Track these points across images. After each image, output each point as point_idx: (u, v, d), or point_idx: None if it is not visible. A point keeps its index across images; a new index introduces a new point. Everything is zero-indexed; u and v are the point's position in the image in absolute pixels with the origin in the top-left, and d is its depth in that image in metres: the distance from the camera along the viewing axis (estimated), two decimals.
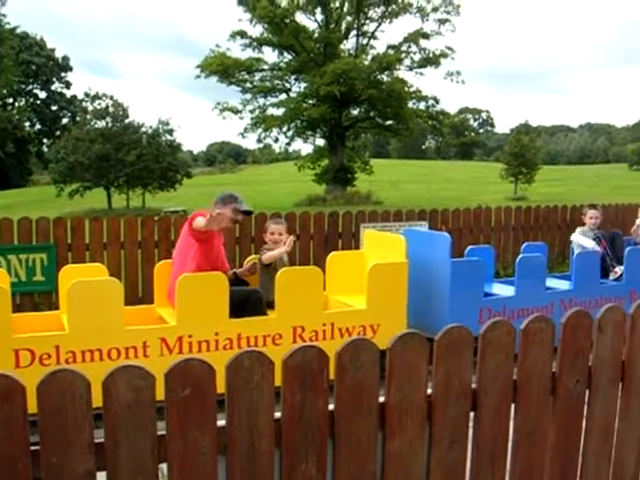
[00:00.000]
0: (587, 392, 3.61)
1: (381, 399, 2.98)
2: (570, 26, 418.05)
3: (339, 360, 2.83)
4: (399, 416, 3.00)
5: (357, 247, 10.30)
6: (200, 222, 6.50)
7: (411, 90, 43.65)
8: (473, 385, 3.21)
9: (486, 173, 69.27)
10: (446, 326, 3.09)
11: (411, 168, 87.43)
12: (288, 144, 45.70)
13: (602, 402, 3.68)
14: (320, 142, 45.07)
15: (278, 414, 2.79)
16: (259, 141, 45.59)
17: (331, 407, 2.88)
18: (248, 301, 6.65)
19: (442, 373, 3.08)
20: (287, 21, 39.75)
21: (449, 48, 44.08)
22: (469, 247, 9.04)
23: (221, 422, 2.71)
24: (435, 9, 43.81)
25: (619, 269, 9.31)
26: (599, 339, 3.59)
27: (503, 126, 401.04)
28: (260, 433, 2.74)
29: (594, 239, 9.56)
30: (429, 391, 3.09)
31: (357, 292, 7.46)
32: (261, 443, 2.74)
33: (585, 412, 3.63)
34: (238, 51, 40.40)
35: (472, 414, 3.24)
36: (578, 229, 9.93)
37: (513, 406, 3.35)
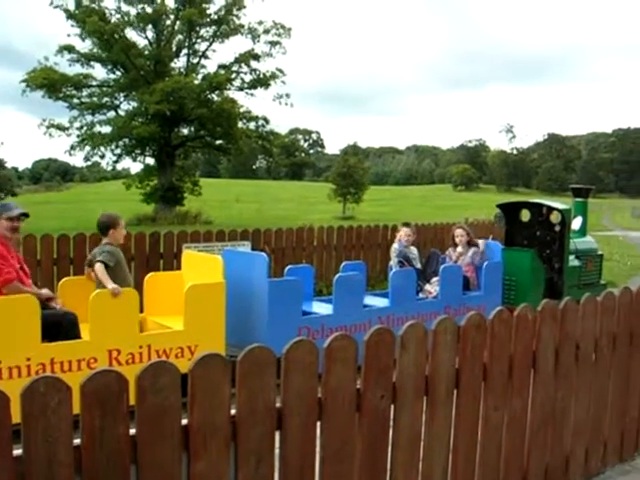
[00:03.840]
0: (392, 407, 3.70)
1: (184, 421, 2.94)
2: (398, 50, 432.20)
3: (139, 383, 2.79)
4: (203, 438, 2.97)
5: (180, 268, 10.18)
6: None
7: (241, 110, 43.76)
8: (278, 404, 3.22)
9: (316, 193, 70.40)
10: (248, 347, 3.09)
11: (242, 188, 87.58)
12: (116, 162, 44.60)
13: (408, 416, 3.78)
14: (149, 161, 44.41)
15: (78, 441, 2.70)
16: (86, 159, 44.36)
17: (133, 431, 2.82)
18: (61, 324, 6.42)
19: (245, 393, 3.08)
20: (117, 37, 38.94)
21: (279, 70, 44.56)
22: (288, 267, 9.13)
23: (17, 452, 2.59)
24: (266, 31, 44.17)
25: (431, 288, 9.64)
26: (402, 355, 3.69)
27: (333, 147, 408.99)
28: (59, 461, 2.64)
29: (397, 256, 9.84)
30: (233, 411, 3.08)
31: (176, 313, 7.34)
32: (60, 472, 2.65)
33: (392, 426, 3.73)
34: (66, 66, 39.35)
35: (278, 432, 3.25)
36: (393, 245, 10.19)
37: (319, 423, 3.39)
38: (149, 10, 40.84)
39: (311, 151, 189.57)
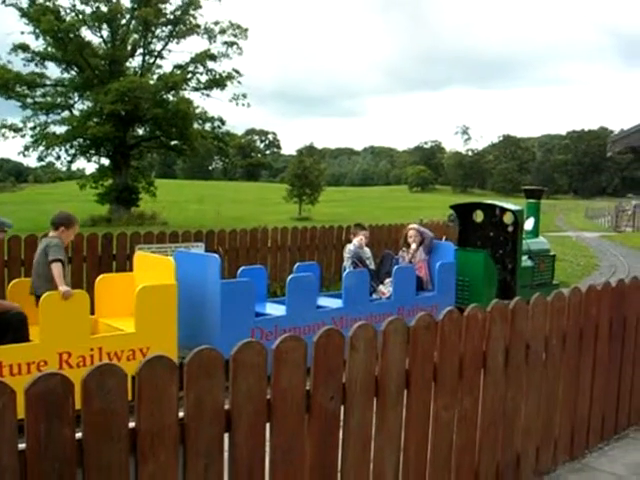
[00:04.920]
0: (342, 407, 3.71)
1: (132, 424, 2.91)
2: (357, 52, 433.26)
3: (85, 386, 2.75)
4: (151, 441, 2.95)
5: (132, 269, 10.11)
6: None
7: (197, 111, 43.55)
8: (227, 406, 3.20)
9: (272, 194, 70.25)
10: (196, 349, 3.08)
11: (198, 188, 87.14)
12: (71, 162, 44.11)
13: (358, 416, 3.79)
14: (104, 161, 43.96)
15: (23, 445, 2.66)
16: (40, 159, 43.80)
17: (79, 435, 2.78)
18: (10, 325, 6.34)
19: (194, 395, 3.06)
20: (72, 36, 38.48)
21: (236, 71, 44.41)
22: (241, 268, 9.11)
23: None
24: (223, 31, 43.99)
25: (384, 289, 9.67)
26: (352, 356, 3.69)
27: (290, 148, 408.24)
28: (4, 467, 2.60)
29: (351, 257, 9.86)
30: (182, 414, 3.06)
31: (127, 315, 7.29)
32: (5, 477, 2.60)
33: (342, 426, 3.73)
34: (20, 65, 38.73)
35: (227, 434, 3.24)
36: (347, 246, 10.21)
37: (269, 425, 3.38)
38: (104, 9, 40.32)
39: (267, 152, 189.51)
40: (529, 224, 12.45)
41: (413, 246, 10.48)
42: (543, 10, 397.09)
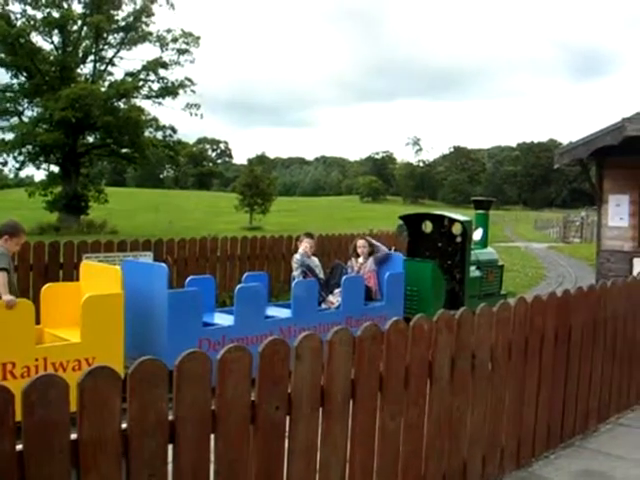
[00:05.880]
0: (288, 418, 3.70)
1: (74, 436, 2.88)
2: (309, 62, 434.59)
3: (26, 398, 2.71)
4: (93, 452, 2.91)
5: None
6: None
7: (148, 118, 43.31)
8: (171, 417, 3.18)
9: (223, 203, 69.98)
10: (139, 359, 3.05)
11: (148, 197, 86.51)
12: (19, 169, 43.55)
13: (303, 427, 3.78)
14: (54, 168, 43.44)
15: None
16: None
17: (20, 447, 2.74)
18: None
19: (137, 406, 3.03)
20: (22, 41, 38.02)
21: (188, 79, 44.28)
22: (189, 277, 9.06)
23: None
24: (175, 39, 43.88)
25: (333, 299, 9.68)
26: (297, 366, 3.69)
27: (241, 157, 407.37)
28: None
29: (300, 266, 9.84)
30: (125, 425, 3.03)
31: (73, 325, 7.18)
32: None
33: (288, 437, 3.72)
34: None
35: (171, 446, 3.21)
36: (294, 256, 10.19)
37: (214, 435, 3.36)
38: (56, 15, 39.98)
39: (219, 161, 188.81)
40: (478, 235, 12.55)
41: (360, 259, 10.52)
42: (495, 23, 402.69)
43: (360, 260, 10.50)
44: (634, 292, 7.44)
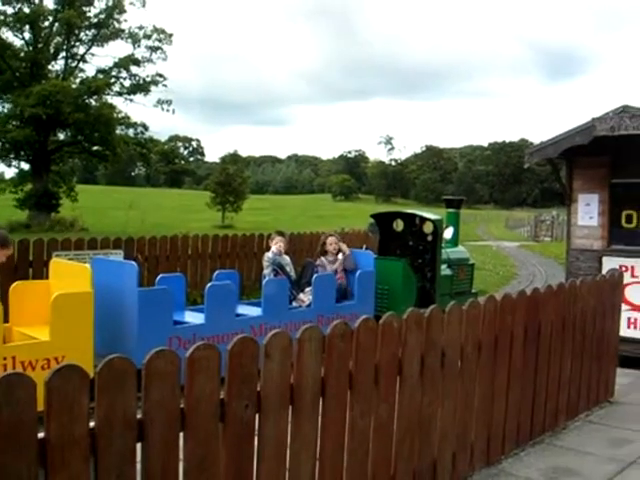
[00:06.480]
0: (258, 416, 3.69)
1: (42, 434, 2.85)
2: (284, 60, 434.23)
3: None
4: (61, 452, 2.88)
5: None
6: None
7: (120, 116, 43.09)
8: (139, 415, 3.16)
9: (196, 201, 69.75)
10: (107, 357, 3.03)
11: (120, 195, 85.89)
12: None
13: (273, 425, 3.77)
14: (24, 165, 43.10)
15: None
16: None
17: None
18: None
19: (105, 405, 3.01)
20: None
21: (160, 75, 44.10)
22: (160, 276, 9.03)
23: None
24: (147, 36, 43.71)
25: (304, 297, 9.69)
26: (266, 364, 3.69)
27: (213, 155, 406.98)
28: None
29: (271, 264, 9.82)
30: (93, 424, 3.01)
31: (42, 324, 7.13)
32: None
33: (257, 435, 3.71)
34: None
35: (140, 445, 3.19)
36: (266, 254, 10.17)
37: (182, 434, 3.34)
38: (27, 10, 39.63)
39: (191, 159, 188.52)
40: (448, 233, 12.62)
41: (330, 257, 10.53)
42: (470, 24, 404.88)
43: (330, 257, 10.51)
44: (603, 290, 7.51)
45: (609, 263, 9.55)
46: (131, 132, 44.58)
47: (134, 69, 43.49)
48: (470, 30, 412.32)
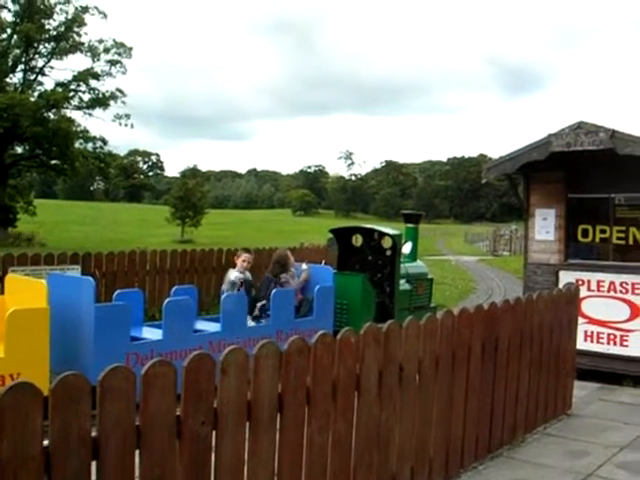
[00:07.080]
0: (214, 433, 3.67)
1: None
2: (243, 74, 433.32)
3: None
4: (14, 472, 2.83)
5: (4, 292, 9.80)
6: None
7: (79, 130, 42.82)
8: (94, 433, 3.13)
9: (155, 216, 69.43)
10: (61, 375, 3.00)
11: (79, 209, 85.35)
12: None
13: (230, 441, 3.76)
14: None
15: None
16: None
17: None
18: None
19: (59, 422, 2.97)
20: None
21: (119, 90, 43.99)
22: (117, 291, 8.96)
23: None
24: (107, 50, 43.65)
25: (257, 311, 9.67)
26: (223, 381, 3.67)
27: (173, 170, 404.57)
28: None
29: (242, 283, 9.76)
30: (47, 442, 2.97)
31: None
32: None
33: (214, 452, 3.69)
34: None
35: (95, 463, 3.16)
36: (230, 271, 10.11)
37: (138, 452, 3.32)
38: None
39: (150, 173, 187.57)
40: (407, 248, 12.69)
41: (304, 274, 10.54)
42: (429, 40, 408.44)
43: (290, 273, 10.48)
44: (559, 304, 7.58)
45: (566, 277, 9.64)
46: (90, 146, 44.41)
47: (93, 83, 43.38)
48: (430, 46, 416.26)
